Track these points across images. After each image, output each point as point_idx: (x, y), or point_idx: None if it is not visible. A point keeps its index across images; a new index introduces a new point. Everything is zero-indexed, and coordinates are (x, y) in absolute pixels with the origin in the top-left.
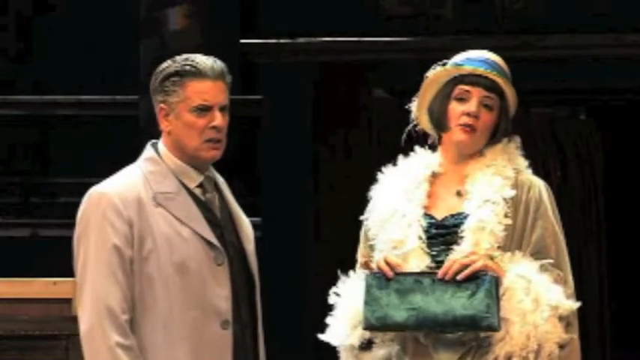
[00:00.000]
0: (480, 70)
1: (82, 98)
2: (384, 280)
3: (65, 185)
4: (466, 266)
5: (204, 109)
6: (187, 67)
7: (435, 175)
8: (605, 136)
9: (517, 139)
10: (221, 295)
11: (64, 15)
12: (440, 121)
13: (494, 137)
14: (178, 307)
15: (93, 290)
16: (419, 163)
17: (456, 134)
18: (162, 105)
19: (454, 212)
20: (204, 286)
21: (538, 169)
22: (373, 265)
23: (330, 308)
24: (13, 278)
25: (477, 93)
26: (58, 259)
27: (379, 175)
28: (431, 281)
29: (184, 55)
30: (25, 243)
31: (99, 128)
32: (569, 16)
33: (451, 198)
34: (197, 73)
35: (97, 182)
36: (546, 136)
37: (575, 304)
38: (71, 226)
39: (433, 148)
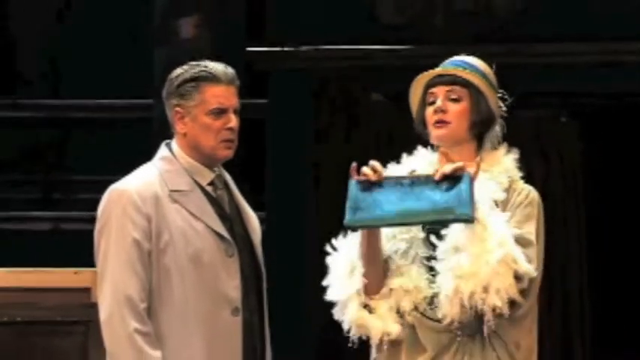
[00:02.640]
0: (439, 70)
1: (100, 102)
2: (367, 184)
3: (84, 182)
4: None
5: (220, 112)
6: (203, 73)
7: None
8: (585, 137)
9: (515, 151)
10: (231, 285)
11: (84, 25)
12: (425, 127)
13: (477, 130)
14: (192, 295)
15: (113, 280)
16: (421, 161)
17: (433, 133)
18: (177, 108)
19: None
20: (216, 277)
21: (522, 170)
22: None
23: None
24: (36, 268)
25: (440, 91)
26: (78, 251)
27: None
28: (410, 182)
29: (197, 62)
30: (47, 235)
31: (115, 129)
32: (553, 25)
33: None
34: (212, 78)
35: (113, 179)
36: (531, 137)
37: (533, 272)
38: (90, 220)
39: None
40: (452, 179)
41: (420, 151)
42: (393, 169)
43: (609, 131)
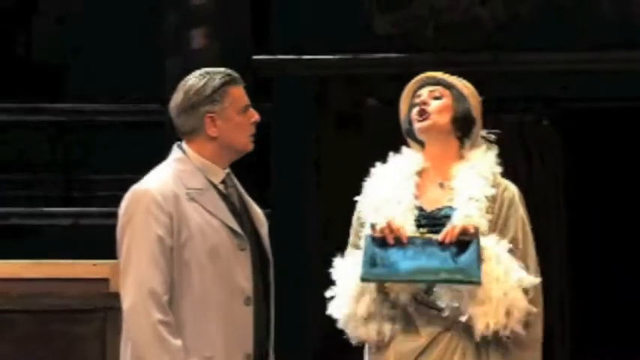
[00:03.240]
0: (425, 75)
1: (116, 107)
2: (382, 241)
3: (102, 181)
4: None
5: (246, 109)
6: (227, 78)
7: (419, 172)
8: (565, 139)
9: (495, 148)
10: (243, 276)
11: (103, 37)
12: (412, 127)
13: (458, 128)
14: (210, 287)
15: (137, 274)
16: (407, 159)
17: (416, 126)
18: (210, 114)
19: (440, 206)
20: (230, 269)
21: (508, 168)
22: (377, 228)
23: (331, 284)
24: (58, 260)
25: (425, 91)
26: (97, 245)
27: (371, 170)
28: (422, 242)
29: (206, 70)
30: (68, 230)
31: (130, 132)
32: (535, 36)
33: (435, 190)
34: (234, 81)
35: (128, 178)
36: (515, 139)
37: (536, 279)
38: (106, 215)
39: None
40: (462, 241)
41: (405, 151)
42: (380, 169)
43: (587, 133)
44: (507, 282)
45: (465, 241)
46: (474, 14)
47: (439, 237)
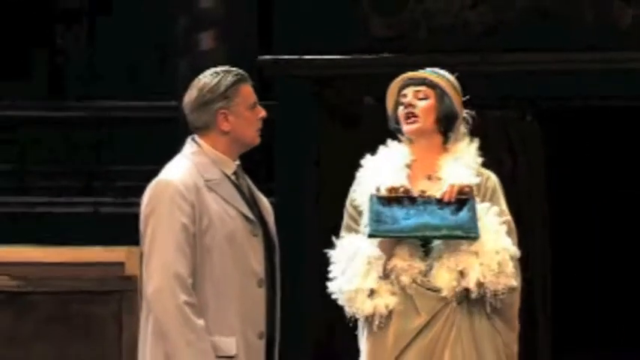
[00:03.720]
0: (409, 74)
1: (133, 104)
2: (386, 200)
3: (120, 172)
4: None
5: (254, 105)
6: (238, 77)
7: (408, 165)
8: (547, 134)
9: (476, 141)
10: (256, 260)
11: (121, 40)
12: (398, 124)
13: (443, 125)
14: (228, 271)
15: (163, 259)
16: (395, 153)
17: (405, 128)
18: (223, 110)
19: (429, 194)
20: (245, 253)
21: (493, 160)
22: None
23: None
24: (78, 246)
25: (410, 91)
26: (114, 231)
27: (362, 161)
28: (423, 201)
29: (218, 69)
30: (88, 218)
31: (145, 127)
32: (519, 38)
33: (424, 182)
34: (244, 80)
35: (144, 169)
36: (500, 133)
37: (518, 253)
38: (124, 204)
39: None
40: (460, 200)
41: (392, 145)
42: (370, 161)
43: (567, 129)
44: (499, 240)
45: (462, 199)
46: (464, 18)
47: (438, 195)
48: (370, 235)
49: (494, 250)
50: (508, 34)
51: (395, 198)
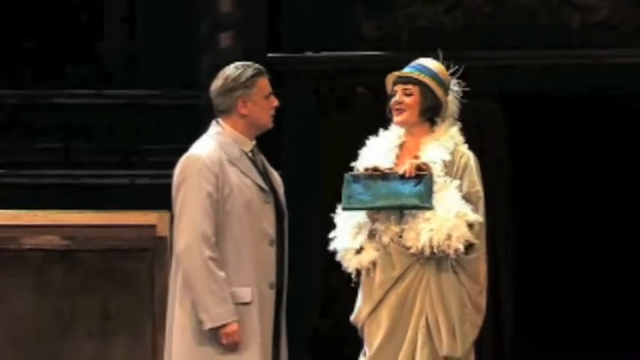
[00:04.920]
0: (398, 73)
1: (163, 92)
2: (357, 178)
3: (152, 150)
4: (414, 167)
5: (269, 95)
6: (257, 71)
7: (401, 144)
8: (510, 120)
9: (458, 124)
10: (269, 223)
11: (154, 37)
12: (391, 113)
13: (428, 114)
14: (245, 232)
15: (191, 222)
16: (391, 135)
17: (394, 119)
18: (243, 97)
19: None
20: (259, 218)
21: (467, 141)
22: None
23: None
24: (117, 211)
25: (399, 88)
26: (147, 199)
27: (367, 141)
28: (387, 177)
29: (241, 63)
30: (125, 188)
31: (174, 112)
32: (487, 37)
33: (409, 160)
34: (262, 73)
35: (173, 148)
36: (470, 119)
37: (480, 218)
38: (156, 177)
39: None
40: (419, 175)
41: (392, 128)
42: (377, 141)
43: (526, 115)
44: (451, 210)
45: (420, 175)
46: (439, 21)
47: (400, 172)
48: (344, 209)
49: (445, 217)
50: (476, 34)
51: (366, 175)
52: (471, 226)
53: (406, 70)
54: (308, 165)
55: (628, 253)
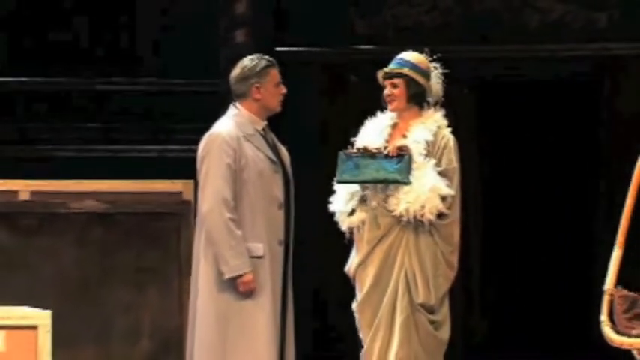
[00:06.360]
0: (386, 69)
1: (188, 80)
2: (349, 155)
3: (179, 129)
4: (397, 148)
5: (279, 84)
6: (269, 62)
7: (393, 125)
8: (479, 104)
9: (442, 110)
10: (278, 190)
11: (182, 31)
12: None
13: (415, 100)
14: (258, 197)
15: (214, 188)
16: (386, 117)
17: (388, 107)
18: (256, 84)
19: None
20: (270, 185)
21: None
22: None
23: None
24: (149, 180)
25: (387, 82)
26: (175, 169)
27: (365, 122)
28: (374, 155)
29: (254, 55)
30: (155, 160)
31: (197, 96)
32: (461, 34)
33: (399, 139)
34: (273, 65)
35: (197, 127)
36: (446, 104)
37: (452, 192)
38: (181, 151)
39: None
40: (400, 155)
41: (387, 111)
42: (374, 121)
43: (496, 100)
44: (426, 185)
45: (402, 155)
46: (420, 21)
47: (385, 152)
48: (338, 182)
49: (421, 192)
50: (452, 32)
51: (356, 154)
52: (444, 198)
53: (391, 66)
54: (309, 141)
55: (585, 217)
